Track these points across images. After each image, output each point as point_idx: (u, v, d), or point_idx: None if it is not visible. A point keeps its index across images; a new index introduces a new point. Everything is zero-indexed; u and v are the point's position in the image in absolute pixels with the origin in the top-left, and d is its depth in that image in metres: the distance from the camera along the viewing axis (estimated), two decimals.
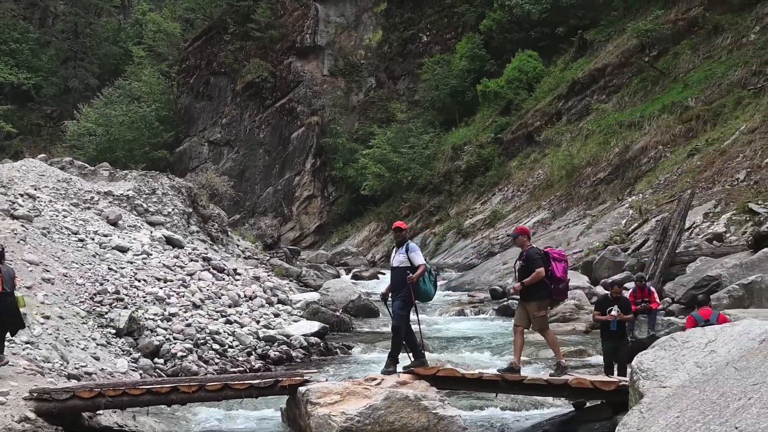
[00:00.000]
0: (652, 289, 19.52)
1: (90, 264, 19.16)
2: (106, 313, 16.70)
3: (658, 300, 19.33)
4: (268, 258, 35.98)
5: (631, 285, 20.41)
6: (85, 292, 17.31)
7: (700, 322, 13.82)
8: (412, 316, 13.22)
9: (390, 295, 13.37)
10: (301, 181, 64.49)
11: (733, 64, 39.36)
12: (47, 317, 15.00)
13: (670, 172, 36.39)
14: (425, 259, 13.42)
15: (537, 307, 13.02)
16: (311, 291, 28.01)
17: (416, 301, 13.39)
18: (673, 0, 48.02)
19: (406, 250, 13.24)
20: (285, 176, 64.92)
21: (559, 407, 13.80)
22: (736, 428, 7.76)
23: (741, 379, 8.63)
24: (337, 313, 23.80)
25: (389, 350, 13.40)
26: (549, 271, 12.85)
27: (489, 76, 54.44)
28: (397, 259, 13.30)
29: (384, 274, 40.67)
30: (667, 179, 35.95)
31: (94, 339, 15.38)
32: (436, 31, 63.79)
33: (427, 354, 18.61)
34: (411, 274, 12.95)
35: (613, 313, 14.70)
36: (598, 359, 16.91)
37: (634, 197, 36.35)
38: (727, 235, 28.28)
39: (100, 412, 12.14)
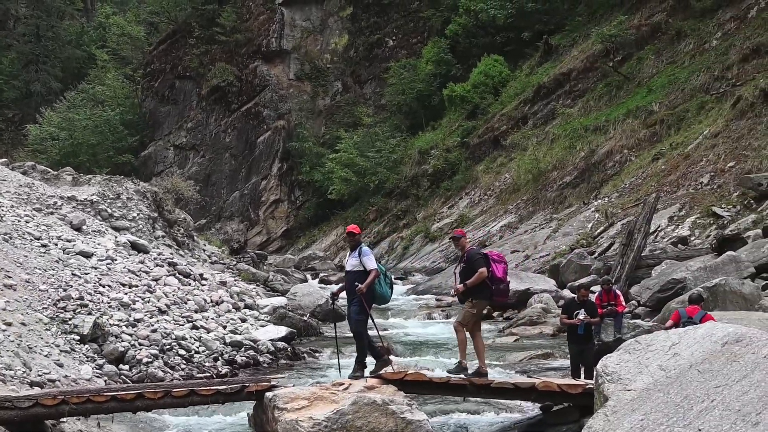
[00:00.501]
0: (618, 292, 19.61)
1: (53, 270, 18.99)
2: (70, 319, 16.55)
3: (624, 303, 19.42)
4: (234, 263, 35.81)
5: (597, 288, 20.52)
6: (48, 298, 17.15)
7: (683, 318, 13.96)
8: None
9: (347, 298, 13.46)
10: (267, 185, 64.31)
11: (696, 70, 39.73)
12: (9, 324, 14.85)
13: (635, 176, 36.66)
14: (378, 263, 13.43)
15: (473, 305, 13.12)
16: (278, 296, 27.88)
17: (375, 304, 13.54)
18: (637, 6, 48.41)
19: (359, 254, 13.27)
20: (251, 181, 64.71)
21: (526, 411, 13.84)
22: (700, 430, 7.83)
23: (704, 381, 8.71)
24: (305, 318, 23.73)
25: (356, 355, 13.44)
26: (490, 272, 12.90)
27: (455, 81, 54.56)
28: (351, 262, 13.43)
29: None
30: (633, 183, 36.21)
31: (57, 345, 15.24)
32: (402, 35, 63.84)
33: (394, 358, 18.67)
34: (364, 279, 13.03)
35: (581, 316, 14.78)
36: (565, 362, 16.97)
37: (599, 201, 36.58)
38: (692, 238, 28.53)
39: (64, 419, 12.02)
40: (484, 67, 53.10)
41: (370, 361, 13.47)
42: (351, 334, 21.54)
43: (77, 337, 16.06)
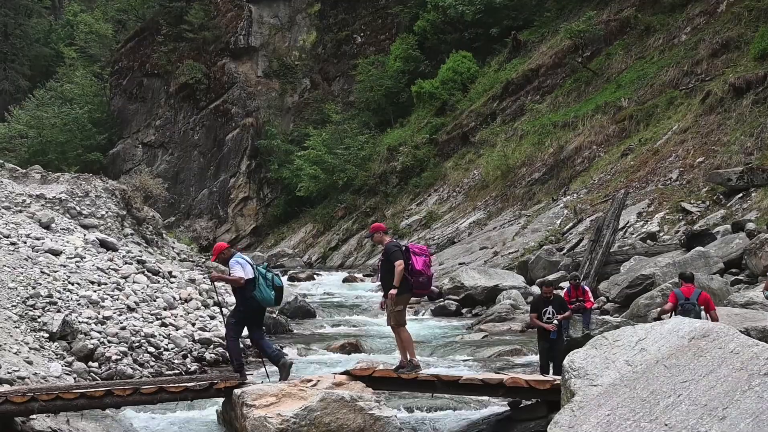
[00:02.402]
0: (587, 288, 19.76)
1: (22, 267, 18.86)
2: (39, 316, 16.45)
3: (592, 299, 19.57)
4: (203, 260, 35.68)
5: (565, 284, 20.62)
6: (17, 296, 17.03)
7: (680, 299, 14.05)
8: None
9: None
10: (236, 183, 64.10)
11: (665, 65, 39.94)
12: None
13: (604, 172, 36.82)
14: (258, 267, 13.42)
15: (395, 300, 13.02)
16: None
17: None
18: (606, 1, 48.63)
19: (229, 267, 13.40)
20: (220, 178, 64.50)
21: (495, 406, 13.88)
22: (666, 425, 7.89)
23: (671, 376, 8.77)
24: (273, 315, 23.67)
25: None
26: (409, 265, 12.83)
27: (423, 77, 54.59)
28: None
29: (320, 275, 40.60)
30: (601, 179, 36.38)
31: (26, 343, 15.15)
32: (370, 32, 63.79)
33: (363, 355, 18.71)
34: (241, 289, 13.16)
35: (554, 322, 14.84)
36: (534, 358, 17.04)
37: (568, 197, 36.73)
38: (661, 234, 28.70)
39: (33, 416, 11.97)
40: (452, 64, 53.17)
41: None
42: (317, 331, 21.60)
43: (46, 335, 15.97)
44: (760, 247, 22.09)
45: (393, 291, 12.79)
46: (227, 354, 13.94)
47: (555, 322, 14.83)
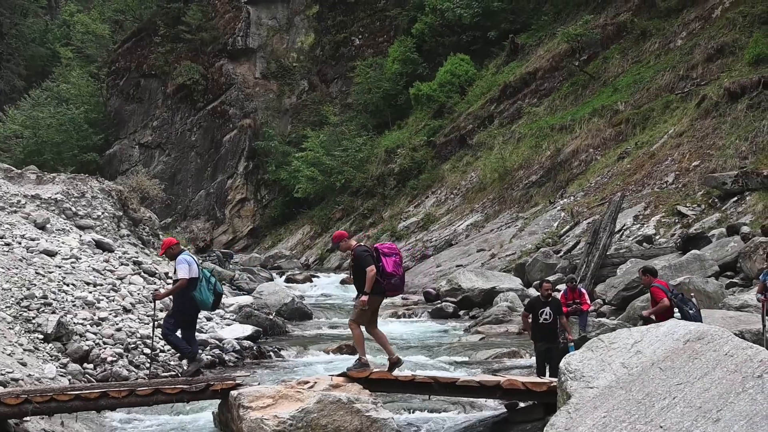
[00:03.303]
0: (583, 290, 19.79)
1: (17, 268, 18.83)
2: (34, 318, 16.41)
3: (589, 301, 19.60)
4: (200, 262, 35.69)
5: (562, 287, 20.65)
6: (12, 297, 17.00)
7: (669, 292, 14.03)
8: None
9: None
10: (233, 184, 64.11)
11: (661, 69, 40.02)
12: None
13: (600, 175, 36.87)
14: (204, 269, 13.62)
15: (365, 301, 12.98)
16: (244, 294, 27.87)
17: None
18: (602, 5, 48.70)
19: (176, 264, 13.54)
20: (217, 179, 64.50)
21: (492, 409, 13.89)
22: (661, 427, 7.90)
23: (666, 379, 8.79)
24: (271, 317, 23.70)
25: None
26: (380, 267, 12.82)
27: (421, 80, 54.62)
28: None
29: (318, 277, 40.63)
30: (598, 182, 36.42)
31: (21, 344, 15.11)
32: (369, 34, 63.84)
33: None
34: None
35: (568, 336, 14.91)
36: (531, 360, 17.06)
37: (565, 200, 36.76)
38: (657, 237, 28.75)
39: (27, 418, 11.92)
40: (450, 66, 53.20)
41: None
42: (314, 333, 21.57)
43: (41, 336, 15.93)
44: (755, 251, 22.14)
45: (364, 297, 12.77)
46: (175, 350, 13.94)
47: (570, 345, 14.86)
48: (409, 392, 13.39)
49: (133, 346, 17.21)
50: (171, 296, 13.94)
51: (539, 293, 15.71)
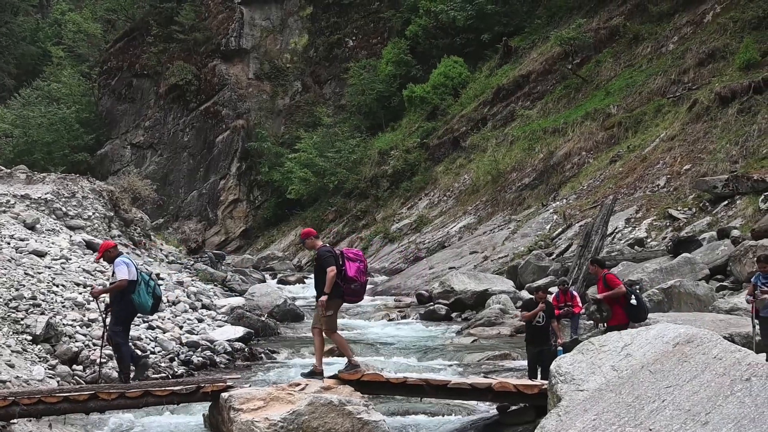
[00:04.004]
0: (575, 293, 19.77)
1: (5, 269, 18.76)
2: (22, 319, 16.34)
3: (580, 304, 19.56)
4: (192, 263, 35.66)
5: (554, 289, 20.65)
6: (0, 297, 16.94)
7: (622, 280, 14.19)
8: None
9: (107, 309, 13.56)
10: (226, 185, 64.04)
11: (653, 73, 40.14)
12: None
13: (593, 178, 36.94)
14: (143, 273, 13.42)
15: (325, 306, 12.94)
16: (236, 296, 27.82)
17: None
18: (595, 9, 48.83)
19: (114, 266, 13.36)
20: (210, 180, 64.42)
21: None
22: (650, 430, 7.92)
23: (655, 381, 8.81)
24: (263, 318, 23.68)
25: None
26: (342, 271, 12.78)
27: (415, 82, 54.67)
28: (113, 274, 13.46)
29: (310, 278, 40.57)
30: (590, 185, 36.49)
31: (8, 346, 15.03)
32: (363, 36, 63.88)
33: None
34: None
35: (559, 349, 14.93)
36: (523, 363, 17.07)
37: (558, 203, 36.83)
38: (648, 240, 28.82)
39: (15, 421, 11.84)
40: (443, 69, 53.26)
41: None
42: (306, 335, 21.55)
43: (29, 338, 15.85)
44: (745, 254, 22.18)
45: (323, 297, 12.74)
46: (118, 357, 13.71)
47: (559, 349, 14.90)
48: (401, 394, 13.39)
49: None
50: (108, 297, 13.65)
51: (533, 296, 15.72)
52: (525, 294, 25.67)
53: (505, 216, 39.53)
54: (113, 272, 13.34)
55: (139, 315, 15.07)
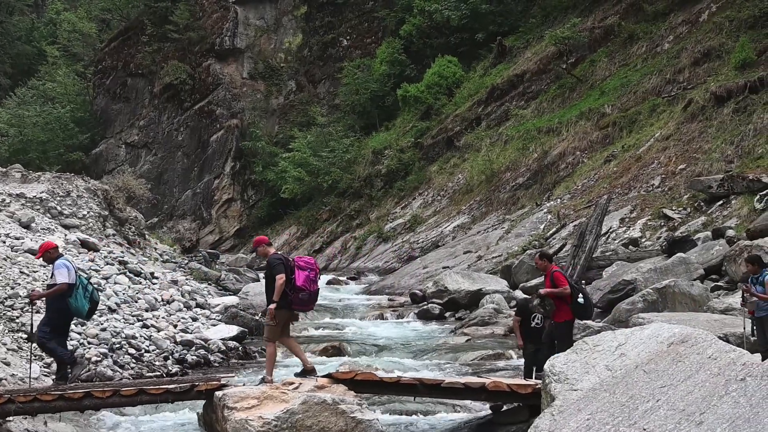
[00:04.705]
0: None
1: (1, 268, 18.77)
2: (18, 317, 16.37)
3: None
4: (186, 262, 35.62)
5: None
6: None
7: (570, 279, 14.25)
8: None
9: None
10: (220, 184, 63.97)
11: (648, 72, 40.11)
12: None
13: (587, 178, 36.94)
14: (81, 276, 13.30)
15: (273, 316, 12.94)
16: (230, 295, 27.78)
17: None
18: (590, 8, 48.81)
19: (53, 268, 13.22)
20: (204, 179, 64.35)
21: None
22: (644, 430, 7.93)
23: (650, 381, 8.82)
24: (257, 317, 23.65)
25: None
26: (291, 280, 12.73)
27: (409, 81, 54.62)
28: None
29: None
30: (585, 184, 36.49)
31: (4, 344, 15.07)
32: (357, 35, 63.83)
33: (346, 358, 18.72)
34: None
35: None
36: (516, 362, 17.09)
37: (552, 202, 36.83)
38: (642, 239, 28.82)
39: (10, 418, 11.89)
40: (438, 68, 53.24)
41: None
42: (300, 334, 21.61)
43: (25, 336, 15.88)
44: (740, 254, 22.16)
45: (272, 306, 12.74)
46: (54, 358, 13.51)
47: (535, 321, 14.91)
48: (394, 393, 13.41)
49: (117, 346, 17.18)
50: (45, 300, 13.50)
51: (528, 296, 15.71)
52: (519, 294, 25.69)
53: (499, 216, 39.53)
54: (52, 274, 13.14)
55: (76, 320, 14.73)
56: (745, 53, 34.55)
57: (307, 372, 12.84)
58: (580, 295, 14.16)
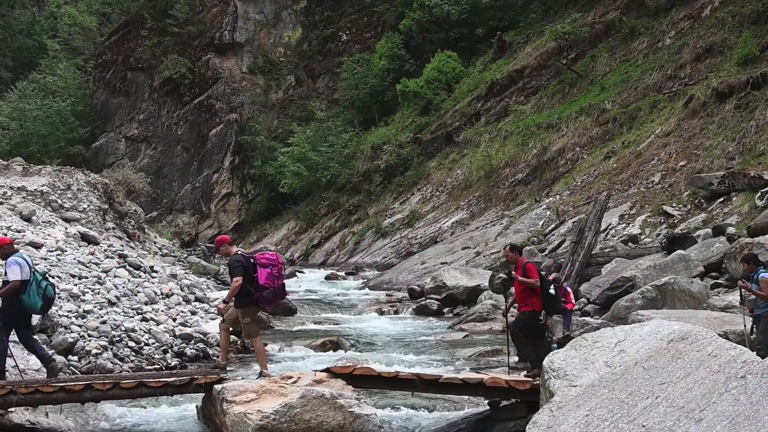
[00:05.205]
0: (568, 289, 19.78)
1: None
2: None
3: (573, 300, 19.60)
4: (185, 255, 35.66)
5: None
6: None
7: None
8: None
9: None
10: (219, 178, 64.04)
11: (649, 68, 40.08)
12: None
13: (586, 174, 36.92)
14: (36, 273, 13.12)
15: (242, 314, 13.13)
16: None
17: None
18: (591, 3, 48.76)
19: (6, 265, 13.05)
20: (203, 174, 64.40)
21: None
22: (644, 426, 7.93)
23: (649, 378, 8.81)
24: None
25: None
26: (254, 278, 12.83)
27: (408, 76, 54.65)
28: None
29: (303, 272, 40.64)
30: (584, 181, 36.47)
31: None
32: (356, 30, 63.85)
33: (344, 353, 18.73)
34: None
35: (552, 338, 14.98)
36: (514, 359, 17.09)
37: (551, 198, 36.82)
38: (642, 236, 28.80)
39: (12, 409, 11.93)
40: (437, 63, 53.25)
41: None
42: (298, 328, 21.61)
43: None
44: (740, 252, 22.13)
45: (221, 305, 13.03)
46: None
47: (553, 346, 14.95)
48: (393, 388, 13.39)
49: (117, 338, 17.17)
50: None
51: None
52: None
53: (497, 211, 39.53)
54: (5, 272, 13.01)
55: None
56: (747, 49, 34.49)
57: (263, 377, 12.86)
58: (552, 286, 14.41)
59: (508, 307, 15.58)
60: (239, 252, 13.38)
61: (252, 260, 13.02)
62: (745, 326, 14.59)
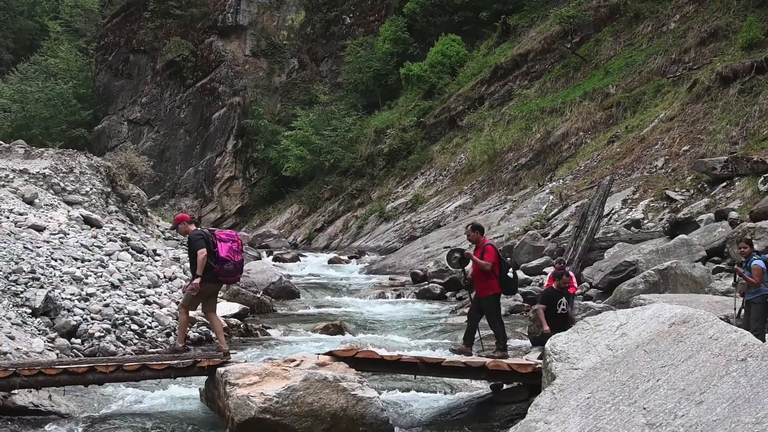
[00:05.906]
0: (571, 273, 19.77)
1: (5, 243, 18.78)
2: (22, 292, 16.39)
3: (576, 285, 19.61)
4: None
5: (550, 269, 20.69)
6: (0, 271, 16.98)
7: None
8: None
9: None
10: (222, 162, 64.02)
11: (653, 52, 40.00)
12: None
13: (590, 159, 36.90)
14: None
15: (204, 288, 13.13)
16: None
17: None
18: None
19: None
20: (206, 157, 64.38)
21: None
22: (645, 408, 7.96)
23: (650, 361, 8.84)
24: (258, 295, 23.73)
25: None
26: (215, 252, 12.91)
27: (412, 60, 54.55)
28: None
29: (306, 256, 40.69)
30: (588, 165, 36.45)
31: (9, 318, 15.10)
32: (360, 13, 63.69)
33: (347, 336, 18.78)
34: None
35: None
36: (515, 343, 17.16)
37: (554, 183, 36.80)
38: (645, 221, 28.80)
39: (16, 391, 11.98)
40: (441, 47, 53.15)
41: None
42: (301, 312, 21.66)
43: (29, 311, 15.91)
44: (743, 236, 22.16)
45: (196, 281, 12.89)
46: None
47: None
48: (395, 372, 13.44)
49: (120, 322, 17.20)
50: None
51: (556, 284, 15.57)
52: (520, 274, 25.67)
53: (501, 196, 39.54)
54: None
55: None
56: (752, 33, 34.37)
57: (224, 354, 12.91)
58: (510, 270, 14.70)
59: (464, 283, 16.29)
60: (198, 229, 13.46)
61: (211, 237, 13.12)
62: (735, 308, 14.71)
